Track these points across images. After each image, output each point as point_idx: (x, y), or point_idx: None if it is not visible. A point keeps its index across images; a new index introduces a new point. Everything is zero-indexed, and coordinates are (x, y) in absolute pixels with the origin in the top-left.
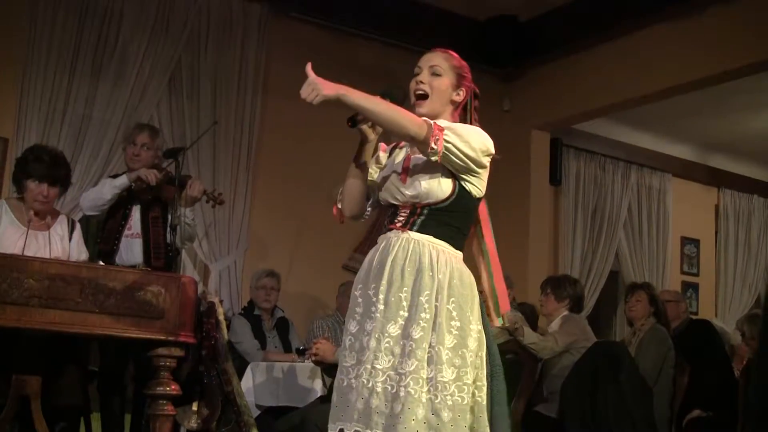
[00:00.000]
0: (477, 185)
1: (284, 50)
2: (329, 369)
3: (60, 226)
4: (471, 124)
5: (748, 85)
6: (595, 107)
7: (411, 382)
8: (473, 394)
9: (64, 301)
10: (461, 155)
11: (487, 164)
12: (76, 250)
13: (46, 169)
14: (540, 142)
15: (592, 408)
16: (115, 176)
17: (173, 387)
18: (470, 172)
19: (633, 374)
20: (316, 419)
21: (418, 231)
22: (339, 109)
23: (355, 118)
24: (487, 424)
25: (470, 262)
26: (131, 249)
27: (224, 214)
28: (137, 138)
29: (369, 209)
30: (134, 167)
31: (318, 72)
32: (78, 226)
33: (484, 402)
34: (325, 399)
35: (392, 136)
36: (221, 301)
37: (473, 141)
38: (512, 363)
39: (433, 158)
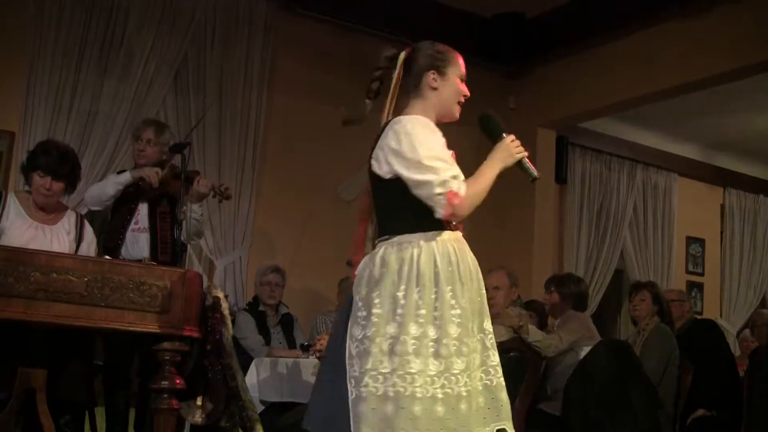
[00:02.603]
0: None
1: (290, 46)
2: None
3: (67, 221)
4: None
5: (754, 85)
6: (601, 106)
7: (498, 371)
8: None
9: (70, 294)
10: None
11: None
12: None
13: (51, 163)
14: (546, 140)
15: (595, 406)
16: (120, 173)
17: (178, 381)
18: None
19: (637, 373)
20: None
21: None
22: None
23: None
24: None
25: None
26: (137, 243)
27: (229, 210)
28: (142, 134)
29: None
30: (139, 163)
31: (323, 68)
32: (87, 225)
33: None
34: None
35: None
36: (226, 296)
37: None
38: (516, 360)
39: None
